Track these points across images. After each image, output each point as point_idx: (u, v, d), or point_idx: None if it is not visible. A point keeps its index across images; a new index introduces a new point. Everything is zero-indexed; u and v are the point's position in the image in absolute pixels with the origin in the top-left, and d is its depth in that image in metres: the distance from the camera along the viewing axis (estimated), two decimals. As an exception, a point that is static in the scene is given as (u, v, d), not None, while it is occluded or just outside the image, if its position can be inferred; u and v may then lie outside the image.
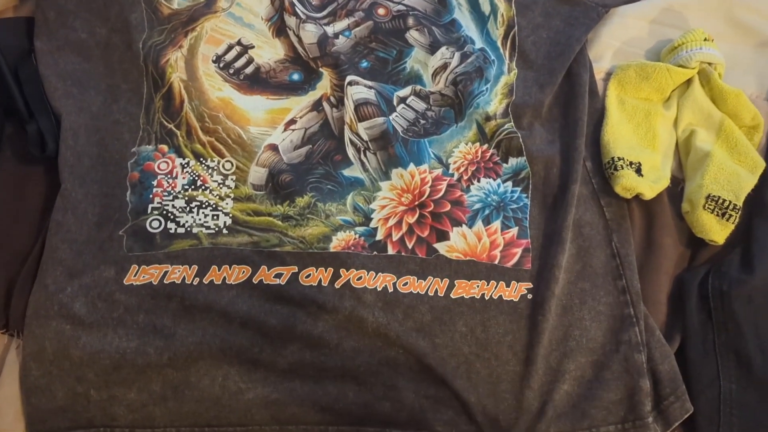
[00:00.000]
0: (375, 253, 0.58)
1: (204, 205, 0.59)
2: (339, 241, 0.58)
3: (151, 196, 0.59)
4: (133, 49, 0.64)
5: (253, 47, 0.66)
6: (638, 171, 0.60)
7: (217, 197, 0.59)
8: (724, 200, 0.58)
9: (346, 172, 0.62)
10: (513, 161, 0.63)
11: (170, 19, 0.66)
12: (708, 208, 0.58)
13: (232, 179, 0.60)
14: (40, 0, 0.65)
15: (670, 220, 0.62)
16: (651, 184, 0.60)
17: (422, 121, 0.64)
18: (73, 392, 0.51)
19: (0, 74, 0.60)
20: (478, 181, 0.62)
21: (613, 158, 0.60)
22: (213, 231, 0.58)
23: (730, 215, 0.58)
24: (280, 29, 0.67)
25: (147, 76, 0.63)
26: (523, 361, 0.55)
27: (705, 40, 0.65)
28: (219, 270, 0.56)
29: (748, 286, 0.56)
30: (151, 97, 0.63)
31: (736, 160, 0.61)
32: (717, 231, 0.59)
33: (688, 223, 0.61)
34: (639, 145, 0.63)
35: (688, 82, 0.66)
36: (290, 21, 0.66)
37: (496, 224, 0.60)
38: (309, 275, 0.56)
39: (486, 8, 0.69)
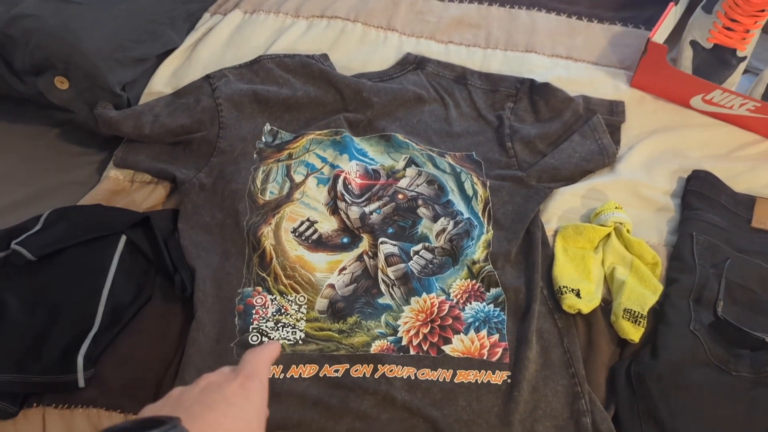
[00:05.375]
0: (401, 354, 0.73)
1: (286, 325, 0.76)
2: (376, 346, 0.74)
3: (251, 320, 0.75)
4: (239, 226, 0.82)
5: (317, 222, 0.84)
6: (578, 295, 0.76)
7: (295, 320, 0.76)
8: (636, 312, 0.74)
9: (380, 300, 0.77)
10: (493, 290, 0.79)
11: (264, 206, 0.85)
12: (625, 317, 0.74)
13: (304, 308, 0.77)
14: (184, 198, 0.86)
15: (603, 328, 0.76)
16: (587, 303, 0.75)
17: (430, 266, 0.81)
18: None
19: (157, 245, 0.80)
20: (470, 303, 0.78)
21: (560, 286, 0.77)
22: (292, 342, 0.74)
23: (640, 321, 0.74)
24: (334, 210, 0.85)
25: (248, 243, 0.81)
26: (507, 424, 0.69)
27: (616, 207, 0.83)
28: (297, 368, 0.72)
29: (657, 370, 0.71)
30: (250, 256, 0.80)
31: (643, 285, 0.77)
32: (633, 333, 0.74)
33: (615, 329, 0.76)
34: (578, 278, 0.78)
35: (608, 235, 0.83)
36: (341, 205, 0.85)
37: (484, 332, 0.75)
38: (357, 369, 0.72)
39: (470, 191, 0.88)
